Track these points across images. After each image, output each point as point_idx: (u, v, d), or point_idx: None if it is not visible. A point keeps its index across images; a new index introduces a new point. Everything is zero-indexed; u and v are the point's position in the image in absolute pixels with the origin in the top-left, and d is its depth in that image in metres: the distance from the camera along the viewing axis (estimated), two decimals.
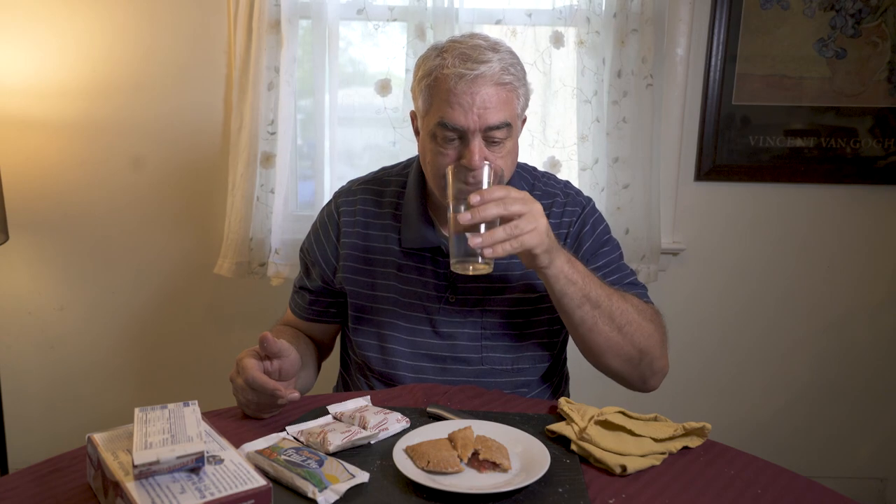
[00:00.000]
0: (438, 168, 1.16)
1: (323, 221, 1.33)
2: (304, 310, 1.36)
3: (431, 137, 1.16)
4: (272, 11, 1.90)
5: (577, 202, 1.30)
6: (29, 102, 2.02)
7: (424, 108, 1.18)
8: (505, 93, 1.14)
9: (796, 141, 2.07)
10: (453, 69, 1.11)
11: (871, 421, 2.25)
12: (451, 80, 1.11)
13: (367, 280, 1.27)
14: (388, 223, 1.28)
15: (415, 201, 1.26)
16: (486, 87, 1.11)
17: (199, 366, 2.19)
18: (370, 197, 1.31)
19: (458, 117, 1.12)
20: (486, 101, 1.11)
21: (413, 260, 1.26)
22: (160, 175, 2.09)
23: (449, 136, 1.14)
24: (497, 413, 1.06)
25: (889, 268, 2.18)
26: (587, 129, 1.96)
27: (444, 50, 1.15)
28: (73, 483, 0.86)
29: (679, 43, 2.02)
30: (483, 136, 1.13)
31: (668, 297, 2.18)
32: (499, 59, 1.13)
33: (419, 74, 1.18)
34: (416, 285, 1.25)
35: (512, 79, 1.14)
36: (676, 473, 0.93)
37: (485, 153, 1.14)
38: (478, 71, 1.11)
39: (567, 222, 1.28)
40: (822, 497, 0.87)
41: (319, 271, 1.31)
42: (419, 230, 1.24)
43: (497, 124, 1.13)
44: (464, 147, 1.14)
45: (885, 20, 2.00)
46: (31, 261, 2.13)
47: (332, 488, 0.82)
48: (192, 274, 2.14)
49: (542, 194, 1.30)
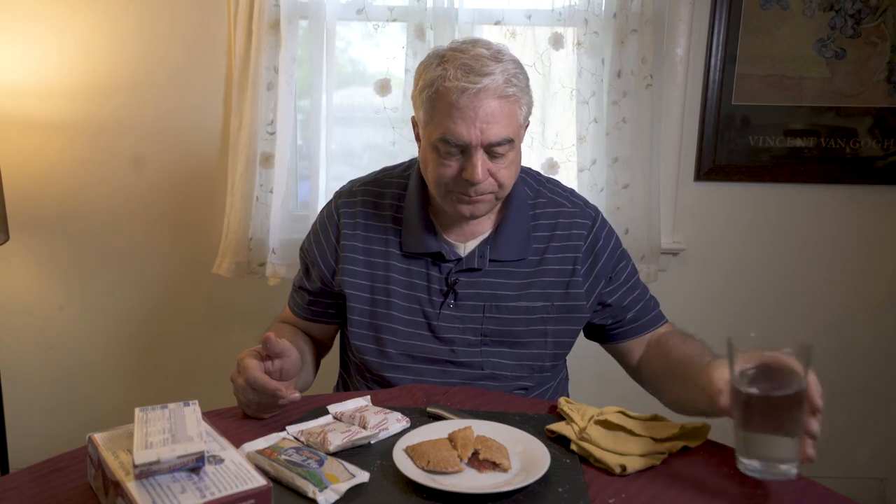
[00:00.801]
0: (440, 178, 1.16)
1: (323, 222, 1.32)
2: (303, 309, 1.36)
3: (433, 149, 1.15)
4: (272, 12, 1.90)
5: (586, 214, 1.29)
6: (29, 102, 2.02)
7: (426, 119, 1.16)
8: (508, 105, 1.12)
9: (796, 141, 2.08)
10: (455, 82, 1.09)
11: (871, 421, 2.25)
12: (453, 94, 1.09)
13: (367, 283, 1.26)
14: (388, 226, 1.27)
15: (416, 206, 1.25)
16: (489, 101, 1.10)
17: (199, 366, 2.19)
18: (370, 199, 1.29)
19: (460, 132, 1.10)
20: (489, 116, 1.10)
21: (413, 264, 1.24)
22: (160, 175, 2.09)
23: (451, 151, 1.13)
24: (497, 413, 1.06)
25: (889, 268, 2.18)
26: (585, 129, 1.96)
27: (446, 59, 1.13)
28: (74, 483, 0.86)
29: (679, 43, 2.02)
30: (485, 150, 1.12)
31: (668, 297, 2.17)
32: (501, 70, 1.11)
33: (420, 84, 1.16)
34: (417, 290, 1.24)
35: (515, 90, 1.12)
36: (676, 473, 0.93)
37: (488, 165, 1.13)
38: (480, 84, 1.09)
39: (578, 235, 1.26)
40: (822, 497, 0.87)
41: (318, 272, 1.30)
42: (420, 235, 1.23)
43: (499, 140, 1.11)
44: (466, 160, 1.13)
45: (884, 20, 2.01)
46: (31, 261, 2.13)
47: (332, 488, 0.83)
48: (192, 274, 2.14)
49: (548, 201, 1.29)
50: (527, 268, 1.24)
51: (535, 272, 1.24)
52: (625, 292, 1.29)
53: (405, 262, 1.25)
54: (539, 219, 1.27)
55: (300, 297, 1.36)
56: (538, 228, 1.26)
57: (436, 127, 1.13)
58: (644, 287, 1.34)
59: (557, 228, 1.26)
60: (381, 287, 1.25)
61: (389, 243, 1.26)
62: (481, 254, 1.23)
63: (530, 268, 1.24)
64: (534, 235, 1.25)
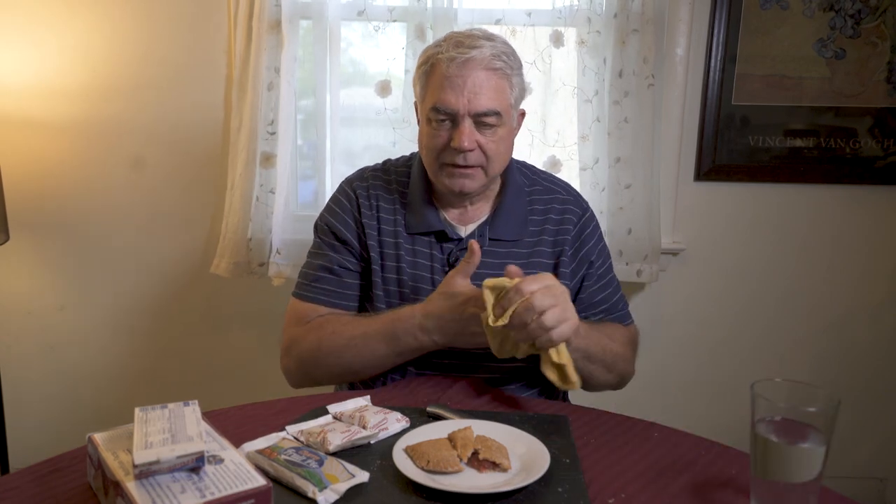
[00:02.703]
0: (432, 149, 1.22)
1: (341, 202, 1.33)
2: (353, 297, 1.30)
3: (427, 122, 1.22)
4: (272, 12, 1.90)
5: (579, 204, 1.36)
6: (29, 103, 2.02)
7: (421, 93, 1.24)
8: (496, 79, 1.19)
9: (796, 141, 2.08)
10: (446, 53, 1.17)
11: (871, 421, 2.25)
12: (443, 65, 1.18)
13: (380, 262, 1.30)
14: (396, 208, 1.31)
15: (420, 189, 1.31)
16: (477, 71, 1.17)
17: (199, 366, 2.19)
18: (381, 183, 1.34)
19: (448, 99, 1.17)
20: (476, 86, 1.17)
21: (418, 243, 1.29)
22: (160, 175, 2.09)
23: (441, 119, 1.20)
24: (497, 413, 1.06)
25: (889, 268, 2.17)
26: (588, 128, 1.97)
27: (443, 40, 1.22)
28: (73, 483, 0.86)
29: (679, 43, 2.02)
30: (474, 120, 1.18)
31: (668, 297, 2.18)
32: (491, 46, 1.19)
33: (419, 62, 1.24)
34: (421, 269, 1.28)
35: (503, 65, 1.19)
36: (676, 474, 0.93)
37: (476, 136, 1.19)
38: (469, 55, 1.16)
39: (569, 219, 1.32)
40: (822, 497, 0.87)
41: (354, 250, 1.31)
42: (423, 214, 1.29)
43: (486, 110, 1.18)
44: (455, 129, 1.19)
45: (884, 21, 2.00)
46: (31, 261, 2.13)
47: (332, 488, 0.82)
48: (192, 274, 2.14)
49: (543, 189, 1.35)
50: (524, 248, 1.30)
51: (532, 252, 1.30)
52: (598, 288, 1.34)
53: (410, 241, 1.29)
54: (535, 203, 1.33)
55: (333, 284, 1.30)
56: (534, 212, 1.32)
57: (429, 98, 1.21)
58: (617, 286, 1.38)
59: (551, 213, 1.33)
60: (392, 265, 1.29)
61: (397, 223, 1.31)
62: (481, 233, 1.29)
63: (527, 248, 1.30)
64: (530, 218, 1.31)
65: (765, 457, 0.80)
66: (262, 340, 2.14)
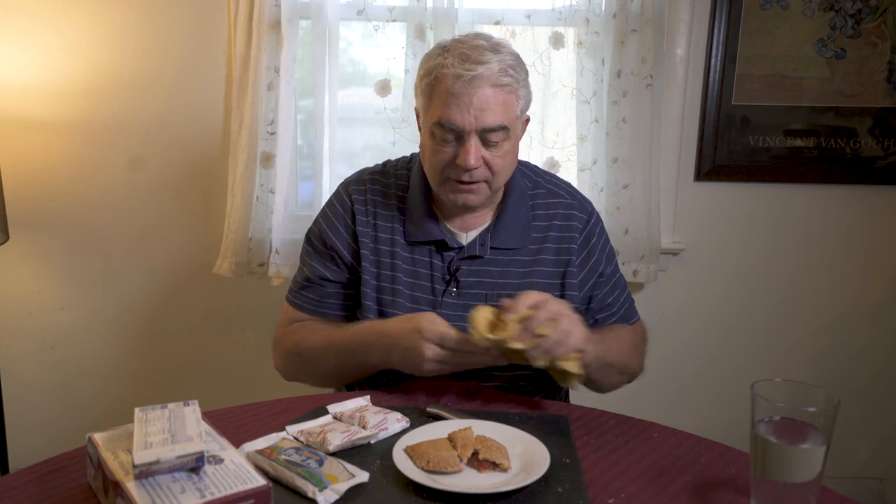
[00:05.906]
0: (436, 164, 1.20)
1: (335, 209, 1.32)
2: (336, 306, 1.31)
3: (430, 135, 1.19)
4: (272, 12, 1.90)
5: (583, 209, 1.34)
6: (29, 102, 2.02)
7: (425, 106, 1.20)
8: (503, 95, 1.16)
9: (796, 141, 2.08)
10: (452, 69, 1.14)
11: (871, 421, 2.25)
12: (449, 80, 1.14)
13: (374, 270, 1.28)
14: (394, 214, 1.29)
15: (419, 196, 1.28)
16: (484, 88, 1.14)
17: (199, 366, 2.19)
18: (378, 188, 1.32)
19: (454, 117, 1.14)
20: (483, 103, 1.13)
21: (417, 252, 1.27)
22: (160, 175, 2.09)
23: (446, 136, 1.16)
24: (497, 413, 1.06)
25: (889, 268, 2.18)
26: (586, 129, 1.96)
27: (447, 49, 1.17)
28: (73, 483, 0.86)
29: (679, 43, 2.02)
30: (480, 136, 1.16)
31: (668, 297, 2.18)
32: (498, 60, 1.15)
33: (421, 73, 1.21)
34: (421, 278, 1.27)
35: (510, 80, 1.16)
36: (676, 474, 0.93)
37: (482, 152, 1.17)
38: (476, 72, 1.13)
39: (575, 227, 1.30)
40: (822, 497, 0.87)
41: (342, 260, 1.30)
42: (423, 223, 1.26)
43: (493, 127, 1.15)
44: (460, 146, 1.16)
45: (884, 20, 2.00)
46: (31, 261, 2.13)
47: (332, 488, 0.82)
48: (192, 274, 2.14)
49: (547, 192, 1.33)
50: (526, 256, 1.28)
51: (535, 261, 1.28)
52: (608, 292, 1.34)
53: (409, 250, 1.27)
54: (538, 209, 1.31)
55: (316, 293, 1.31)
56: (537, 218, 1.30)
57: (433, 113, 1.17)
58: (624, 285, 1.39)
59: (555, 218, 1.30)
60: (388, 274, 1.27)
61: (395, 231, 1.28)
62: (482, 242, 1.26)
63: (530, 256, 1.28)
64: (533, 225, 1.29)
65: (765, 457, 0.80)
66: (261, 340, 2.14)
